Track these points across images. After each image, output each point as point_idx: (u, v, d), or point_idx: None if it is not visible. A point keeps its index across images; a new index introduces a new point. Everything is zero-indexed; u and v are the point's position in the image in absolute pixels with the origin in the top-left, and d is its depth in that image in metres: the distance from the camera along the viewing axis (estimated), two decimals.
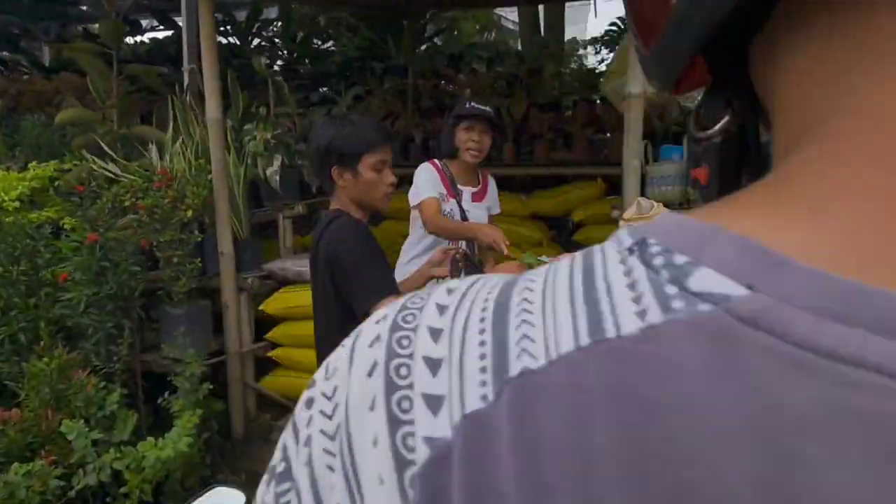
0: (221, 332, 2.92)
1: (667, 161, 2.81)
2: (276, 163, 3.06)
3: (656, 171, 2.81)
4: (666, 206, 2.33)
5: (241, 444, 2.91)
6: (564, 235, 4.18)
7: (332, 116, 1.67)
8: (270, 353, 3.02)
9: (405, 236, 2.61)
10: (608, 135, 4.14)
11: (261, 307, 2.99)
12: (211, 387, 2.53)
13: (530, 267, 1.45)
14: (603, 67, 5.52)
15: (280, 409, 3.16)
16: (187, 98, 3.33)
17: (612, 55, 5.83)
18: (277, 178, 3.05)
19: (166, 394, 2.45)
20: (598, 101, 4.44)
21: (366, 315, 1.36)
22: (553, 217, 4.16)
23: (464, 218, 2.41)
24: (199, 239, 2.66)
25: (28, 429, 2.13)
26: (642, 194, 2.89)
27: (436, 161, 2.54)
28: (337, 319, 1.56)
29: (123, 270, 2.41)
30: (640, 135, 2.25)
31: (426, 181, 2.40)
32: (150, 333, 2.82)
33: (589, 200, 3.97)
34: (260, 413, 3.06)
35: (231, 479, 2.77)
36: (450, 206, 2.43)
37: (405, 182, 2.32)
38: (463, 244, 2.32)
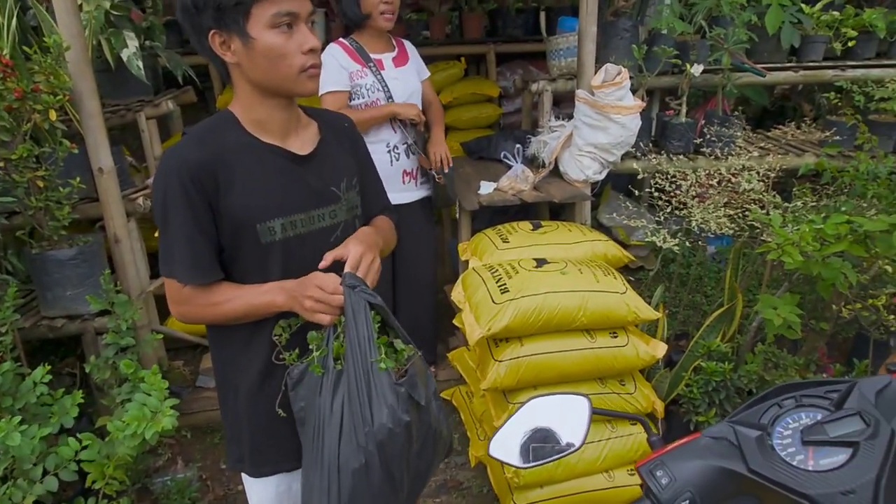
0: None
1: (569, 33, 2.87)
2: (133, 42, 2.30)
3: (561, 43, 2.88)
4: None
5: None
6: None
7: None
8: None
9: None
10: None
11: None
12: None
13: None
14: None
15: (190, 351, 2.65)
16: None
17: None
18: (139, 62, 2.31)
19: (101, 356, 1.84)
20: None
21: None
22: None
23: (386, 88, 2.20)
24: (76, 151, 1.92)
25: None
26: (545, 66, 2.95)
27: (341, 40, 2.21)
28: None
29: None
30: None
31: (326, 72, 2.09)
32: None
33: (454, 81, 3.90)
34: (169, 362, 2.51)
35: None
36: (368, 80, 2.18)
37: None
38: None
